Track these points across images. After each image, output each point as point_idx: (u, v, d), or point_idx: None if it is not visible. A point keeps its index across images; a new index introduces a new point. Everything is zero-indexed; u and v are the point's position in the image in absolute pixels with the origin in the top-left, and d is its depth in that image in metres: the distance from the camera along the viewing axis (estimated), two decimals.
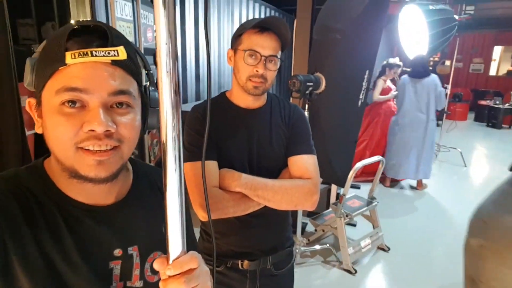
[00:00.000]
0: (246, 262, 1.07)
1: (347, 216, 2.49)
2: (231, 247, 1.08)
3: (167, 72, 0.40)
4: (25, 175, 0.55)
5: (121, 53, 0.50)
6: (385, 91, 4.18)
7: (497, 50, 10.85)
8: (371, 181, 2.86)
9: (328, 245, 2.67)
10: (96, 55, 0.49)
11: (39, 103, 0.52)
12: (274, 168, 1.06)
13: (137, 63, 0.55)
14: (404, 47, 4.87)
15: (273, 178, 1.02)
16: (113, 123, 0.50)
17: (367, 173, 3.91)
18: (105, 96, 0.50)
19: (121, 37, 0.53)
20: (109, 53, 0.49)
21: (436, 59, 10.18)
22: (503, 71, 10.72)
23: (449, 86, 5.71)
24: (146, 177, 0.68)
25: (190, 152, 0.99)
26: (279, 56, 1.00)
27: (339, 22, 2.18)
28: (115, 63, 0.50)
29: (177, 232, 0.46)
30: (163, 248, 0.62)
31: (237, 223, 1.04)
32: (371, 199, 2.74)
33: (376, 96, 4.17)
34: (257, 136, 1.05)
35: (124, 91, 0.51)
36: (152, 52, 2.99)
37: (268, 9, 6.04)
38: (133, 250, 0.59)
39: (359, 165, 2.44)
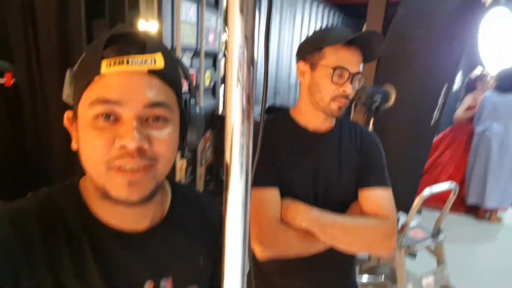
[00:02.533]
0: None
1: (408, 248, 2.20)
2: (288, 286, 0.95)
3: (238, 79, 0.34)
4: (58, 196, 0.52)
5: (158, 61, 0.46)
6: (472, 109, 3.65)
7: None
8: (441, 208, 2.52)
9: (383, 276, 2.40)
10: (132, 63, 0.45)
11: (75, 117, 0.49)
12: (344, 201, 0.92)
13: (177, 72, 0.50)
14: (483, 57, 4.32)
15: (341, 213, 0.88)
16: (147, 138, 0.46)
17: (435, 199, 3.50)
18: (140, 108, 0.46)
19: (159, 45, 0.49)
20: (145, 61, 0.46)
21: None
22: None
23: None
24: (186, 200, 0.62)
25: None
26: (361, 71, 0.87)
27: (419, 28, 1.93)
28: (152, 72, 0.47)
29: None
30: (200, 281, 0.58)
31: (299, 263, 0.90)
32: (437, 231, 2.41)
33: (459, 113, 3.67)
34: (325, 164, 0.91)
35: (161, 103, 0.47)
36: (212, 55, 2.98)
37: (332, 12, 5.80)
38: (167, 283, 0.53)
39: (428, 191, 2.15)
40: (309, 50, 0.89)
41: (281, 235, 0.83)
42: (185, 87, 0.54)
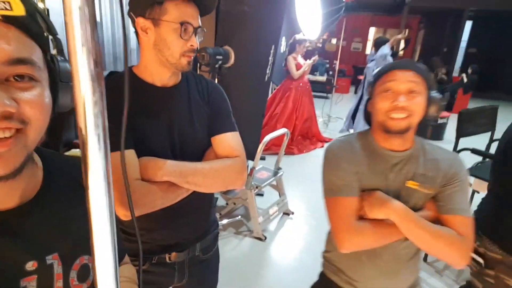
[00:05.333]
0: (174, 254, 1.00)
1: (257, 187, 2.59)
2: (157, 242, 0.99)
3: (83, 41, 0.32)
4: None
5: (16, 7, 0.37)
6: (296, 67, 4.40)
7: (372, 31, 12.51)
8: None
9: (239, 216, 2.76)
10: None
11: None
12: (199, 151, 0.99)
13: (39, 23, 0.42)
14: (300, 24, 5.16)
15: (198, 161, 0.95)
16: (12, 101, 0.38)
17: (275, 146, 4.15)
18: None
19: None
20: None
21: (325, 37, 11.16)
22: None
23: (337, 62, 6.36)
24: (60, 169, 0.56)
25: None
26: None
27: None
28: (7, 20, 0.38)
29: (109, 263, 0.36)
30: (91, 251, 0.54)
31: (163, 215, 0.94)
32: (277, 170, 2.91)
33: (296, 73, 4.38)
34: (178, 117, 0.95)
35: (25, 59, 0.39)
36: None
37: None
38: (53, 259, 0.49)
39: (267, 138, 2.53)
40: (147, 5, 0.85)
41: (143, 192, 0.84)
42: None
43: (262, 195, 3.22)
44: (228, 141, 1.00)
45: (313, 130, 4.89)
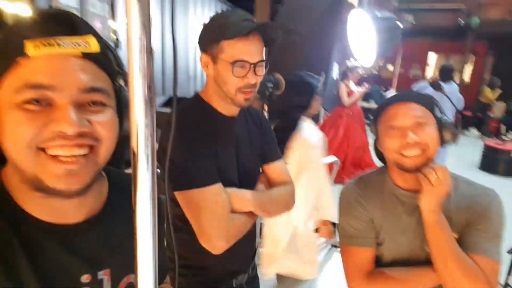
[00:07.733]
0: (239, 278, 1.04)
1: None
2: (225, 266, 0.99)
3: (140, 67, 0.35)
4: None
5: (93, 45, 0.43)
6: (348, 94, 4.33)
7: (432, 57, 11.93)
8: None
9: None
10: (63, 46, 0.41)
11: None
12: (255, 179, 1.02)
13: (110, 58, 0.48)
14: (353, 50, 5.11)
15: (253, 189, 0.97)
16: (87, 122, 0.44)
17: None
18: (76, 93, 0.43)
19: (90, 27, 0.46)
20: (78, 44, 0.42)
21: (381, 64, 10.90)
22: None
23: (393, 90, 6.13)
24: (124, 187, 0.58)
25: (194, 175, 0.83)
26: (265, 58, 0.89)
27: (299, 24, 2.20)
28: (86, 56, 0.44)
29: (149, 278, 0.39)
30: None
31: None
32: None
33: (347, 100, 4.28)
34: (242, 147, 0.98)
35: (98, 88, 0.45)
36: None
37: (224, 7, 5.95)
38: (104, 275, 0.52)
39: None
40: (207, 42, 0.87)
41: (244, 225, 0.90)
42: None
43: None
44: (282, 168, 1.05)
45: (366, 159, 4.67)
